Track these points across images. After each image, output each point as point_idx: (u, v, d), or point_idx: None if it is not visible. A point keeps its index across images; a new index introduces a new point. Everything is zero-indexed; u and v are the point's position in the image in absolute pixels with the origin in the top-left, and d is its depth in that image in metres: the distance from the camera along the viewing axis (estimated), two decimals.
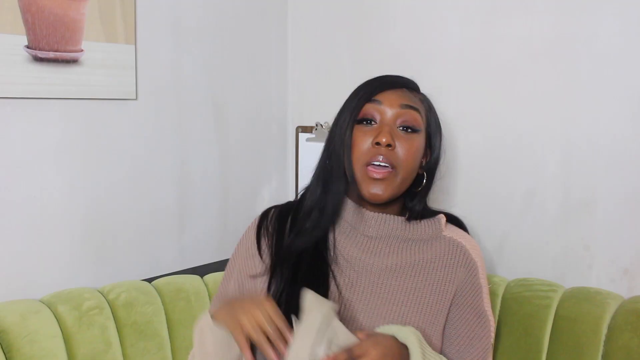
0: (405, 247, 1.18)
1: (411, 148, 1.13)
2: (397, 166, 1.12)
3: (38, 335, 1.31)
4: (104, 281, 1.53)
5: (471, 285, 1.19)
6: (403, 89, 1.18)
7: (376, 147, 1.11)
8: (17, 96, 1.38)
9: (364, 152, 1.12)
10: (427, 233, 1.20)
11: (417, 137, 1.14)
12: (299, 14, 1.99)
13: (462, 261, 1.20)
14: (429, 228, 1.20)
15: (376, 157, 1.11)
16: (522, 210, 1.62)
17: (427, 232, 1.20)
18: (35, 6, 1.38)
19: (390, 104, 1.13)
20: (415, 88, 1.22)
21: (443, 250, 1.19)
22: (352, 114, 1.14)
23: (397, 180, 1.13)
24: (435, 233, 1.20)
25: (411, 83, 1.22)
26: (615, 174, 1.48)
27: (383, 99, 1.14)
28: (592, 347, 1.35)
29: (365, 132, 1.13)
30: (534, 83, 1.58)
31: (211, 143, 1.81)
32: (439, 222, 1.22)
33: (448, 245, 1.20)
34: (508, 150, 1.63)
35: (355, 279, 1.15)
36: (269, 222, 1.21)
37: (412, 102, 1.16)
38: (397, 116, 1.13)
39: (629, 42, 1.45)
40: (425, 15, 1.74)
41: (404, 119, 1.13)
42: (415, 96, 1.19)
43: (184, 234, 1.76)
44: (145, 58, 1.61)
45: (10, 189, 1.40)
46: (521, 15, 1.58)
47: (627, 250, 1.48)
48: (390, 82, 1.18)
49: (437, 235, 1.20)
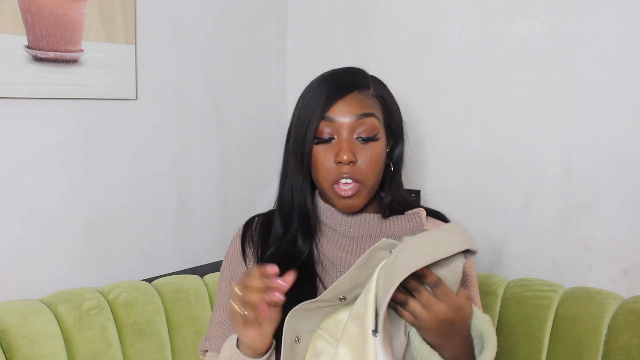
0: None
1: (373, 156, 1.11)
2: (363, 179, 1.11)
3: (38, 335, 1.31)
4: (104, 281, 1.53)
5: None
6: (353, 92, 1.11)
7: (339, 165, 1.10)
8: (17, 96, 1.38)
9: (328, 171, 1.11)
10: (408, 228, 1.19)
11: (376, 143, 1.12)
12: (299, 14, 1.99)
13: None
14: (409, 223, 1.19)
15: (341, 176, 1.10)
16: (522, 211, 1.62)
17: (407, 227, 1.19)
18: (35, 6, 1.38)
19: (344, 119, 1.09)
20: (365, 85, 1.13)
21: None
22: (308, 135, 1.10)
23: (367, 189, 1.13)
24: (416, 227, 1.19)
25: (360, 80, 1.14)
26: (615, 174, 1.48)
27: (335, 114, 1.09)
28: (592, 347, 1.35)
29: (326, 150, 1.11)
30: (534, 83, 1.58)
31: (211, 143, 1.81)
32: (419, 216, 1.20)
33: None
34: (508, 151, 1.63)
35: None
36: (253, 231, 1.21)
37: (366, 108, 1.11)
38: (353, 129, 1.10)
39: (629, 42, 1.45)
40: (425, 15, 1.74)
41: (360, 130, 1.10)
42: (367, 97, 1.12)
43: (184, 234, 1.76)
44: (145, 58, 1.61)
45: (11, 188, 1.40)
46: (521, 15, 1.58)
47: (627, 251, 1.48)
48: (339, 89, 1.11)
49: (418, 229, 1.19)
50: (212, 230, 1.83)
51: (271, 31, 1.97)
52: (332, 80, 1.14)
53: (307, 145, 1.10)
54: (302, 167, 1.12)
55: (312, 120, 1.10)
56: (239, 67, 1.87)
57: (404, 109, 1.18)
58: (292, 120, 1.17)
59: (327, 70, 1.18)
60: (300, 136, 1.12)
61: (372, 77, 1.17)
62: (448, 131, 1.72)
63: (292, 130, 1.16)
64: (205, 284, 1.61)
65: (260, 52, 1.94)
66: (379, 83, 1.17)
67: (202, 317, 1.55)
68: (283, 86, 2.01)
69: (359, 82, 1.13)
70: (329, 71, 1.18)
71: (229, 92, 1.85)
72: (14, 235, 1.41)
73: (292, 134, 1.15)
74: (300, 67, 2.00)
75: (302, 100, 1.15)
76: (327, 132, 1.10)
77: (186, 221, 1.76)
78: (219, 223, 1.85)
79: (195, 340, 1.53)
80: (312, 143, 1.11)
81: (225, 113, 1.84)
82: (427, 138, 1.75)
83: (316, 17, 1.96)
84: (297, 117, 1.14)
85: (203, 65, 1.77)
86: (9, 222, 1.40)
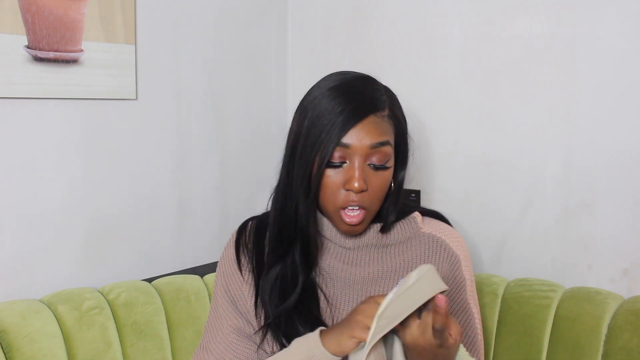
0: (385, 253, 1.16)
1: (383, 182, 1.08)
2: (369, 206, 1.08)
3: (38, 335, 1.31)
4: (104, 281, 1.53)
5: (454, 280, 1.16)
6: (370, 116, 1.05)
7: (348, 192, 1.06)
8: (17, 96, 1.38)
9: (336, 196, 1.06)
10: (404, 234, 1.17)
11: (387, 170, 1.08)
12: (299, 14, 1.99)
13: (444, 256, 1.16)
14: (405, 229, 1.18)
15: (349, 203, 1.06)
16: (522, 211, 1.62)
17: (404, 233, 1.17)
18: (35, 6, 1.38)
19: (360, 145, 1.04)
20: (381, 106, 1.07)
21: (423, 248, 1.17)
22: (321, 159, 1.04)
23: (371, 214, 1.10)
24: (412, 232, 1.17)
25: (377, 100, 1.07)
26: (615, 174, 1.48)
27: (352, 141, 1.03)
28: (592, 347, 1.35)
29: (336, 174, 1.05)
30: (534, 83, 1.58)
31: (211, 143, 1.81)
32: (414, 220, 1.18)
33: (428, 242, 1.17)
34: (508, 151, 1.63)
35: (340, 289, 1.14)
36: (248, 237, 1.18)
37: (382, 136, 1.05)
38: (367, 156, 1.05)
39: (629, 42, 1.45)
40: (425, 16, 1.74)
41: (374, 158, 1.06)
42: (382, 120, 1.06)
43: (184, 234, 1.76)
44: (145, 58, 1.61)
45: (11, 189, 1.40)
46: (521, 15, 1.58)
47: (627, 251, 1.48)
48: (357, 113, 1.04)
49: (415, 234, 1.18)
50: (212, 231, 1.83)
51: (271, 31, 1.97)
52: (347, 97, 1.06)
53: (319, 168, 1.05)
54: (310, 191, 1.06)
55: (326, 143, 1.03)
56: (239, 67, 1.87)
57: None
58: (297, 131, 1.09)
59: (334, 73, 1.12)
60: (310, 156, 1.05)
61: (385, 91, 1.11)
62: (448, 131, 1.72)
63: (298, 144, 1.08)
64: (205, 284, 1.61)
65: (260, 52, 1.94)
66: (391, 98, 1.11)
67: (202, 317, 1.55)
68: (283, 86, 2.01)
69: (376, 103, 1.07)
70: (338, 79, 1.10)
71: (229, 92, 1.85)
72: (14, 235, 1.41)
73: (298, 150, 1.07)
74: (300, 67, 2.00)
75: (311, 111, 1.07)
76: (339, 156, 1.05)
77: (186, 221, 1.76)
78: (219, 223, 1.85)
79: (195, 340, 1.53)
80: (325, 167, 1.05)
81: (225, 113, 1.84)
82: (427, 138, 1.75)
83: (316, 17, 1.96)
84: (307, 133, 1.06)
85: (203, 65, 1.77)
86: (9, 222, 1.40)
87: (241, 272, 1.16)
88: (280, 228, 1.12)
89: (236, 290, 1.16)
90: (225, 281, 1.17)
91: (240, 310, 1.15)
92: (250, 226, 1.20)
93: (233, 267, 1.17)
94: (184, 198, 1.75)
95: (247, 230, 1.19)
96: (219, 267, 1.21)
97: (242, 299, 1.15)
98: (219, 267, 1.20)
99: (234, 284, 1.16)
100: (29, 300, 1.39)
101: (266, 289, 1.12)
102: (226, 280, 1.17)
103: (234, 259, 1.17)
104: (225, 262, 1.19)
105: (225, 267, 1.19)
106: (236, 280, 1.16)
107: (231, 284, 1.17)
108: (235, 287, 1.16)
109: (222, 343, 1.15)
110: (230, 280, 1.17)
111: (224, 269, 1.19)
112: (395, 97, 1.12)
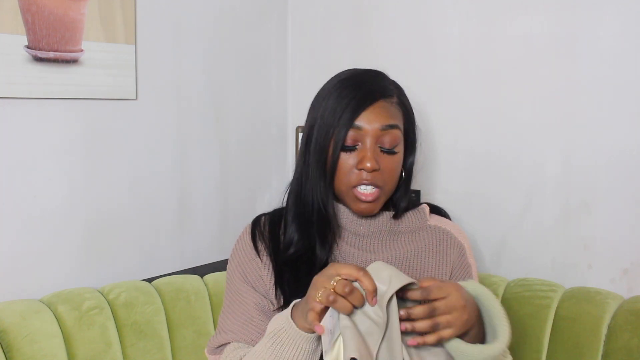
0: (396, 240, 1.21)
1: (394, 164, 1.14)
2: (383, 185, 1.14)
3: (38, 335, 1.31)
4: (104, 281, 1.53)
5: (461, 265, 1.23)
6: (380, 100, 1.13)
7: (361, 171, 1.12)
8: (17, 96, 1.38)
9: (349, 176, 1.12)
10: (414, 224, 1.23)
11: (398, 154, 1.15)
12: (299, 14, 1.99)
13: (451, 244, 1.23)
14: (415, 219, 1.23)
15: (362, 182, 1.12)
16: (522, 211, 1.62)
17: (413, 223, 1.23)
18: (35, 6, 1.38)
19: (371, 127, 1.11)
20: (390, 92, 1.15)
21: (431, 238, 1.23)
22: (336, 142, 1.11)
23: (385, 195, 1.16)
24: (421, 223, 1.24)
25: (386, 87, 1.16)
26: (615, 174, 1.48)
27: (363, 124, 1.11)
28: (592, 347, 1.35)
29: (349, 156, 1.12)
30: (534, 83, 1.58)
31: (211, 143, 1.81)
32: (424, 212, 1.25)
33: (435, 233, 1.23)
34: (508, 151, 1.63)
35: None
36: (262, 228, 1.22)
37: (392, 119, 1.13)
38: (377, 137, 1.12)
39: (629, 42, 1.45)
40: (425, 15, 1.74)
41: (385, 140, 1.12)
42: (392, 105, 1.14)
43: (184, 234, 1.76)
44: (145, 58, 1.61)
45: (11, 189, 1.40)
46: (521, 15, 1.58)
47: (627, 251, 1.48)
48: (368, 97, 1.12)
49: (422, 225, 1.24)
50: (212, 230, 1.83)
51: (271, 31, 1.97)
52: (357, 86, 1.14)
53: (334, 152, 1.12)
54: (326, 173, 1.13)
55: (339, 127, 1.11)
56: (239, 67, 1.87)
57: None
58: (312, 122, 1.16)
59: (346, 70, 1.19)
60: (325, 142, 1.12)
61: (393, 82, 1.19)
62: (448, 131, 1.72)
63: (313, 133, 1.15)
64: (205, 284, 1.61)
65: (260, 52, 1.94)
66: (399, 89, 1.19)
67: (202, 317, 1.55)
68: (283, 86, 2.01)
69: (385, 90, 1.15)
70: (348, 72, 1.18)
71: (229, 92, 1.85)
72: (14, 235, 1.41)
73: (313, 137, 1.15)
74: (300, 67, 2.00)
75: (324, 102, 1.15)
76: (352, 139, 1.12)
77: (186, 221, 1.76)
78: (219, 223, 1.85)
79: (196, 340, 1.53)
80: (340, 150, 1.12)
81: (225, 113, 1.84)
82: (427, 138, 1.75)
83: (316, 17, 1.96)
84: (321, 120, 1.14)
85: (203, 65, 1.77)
86: (9, 222, 1.40)
87: (259, 256, 1.18)
88: (298, 215, 1.18)
89: (255, 275, 1.17)
90: (242, 269, 1.19)
91: (260, 292, 1.17)
92: (264, 219, 1.24)
93: (251, 254, 1.19)
94: (184, 198, 1.75)
95: (262, 222, 1.23)
96: (232, 257, 1.22)
97: (261, 283, 1.17)
98: (233, 257, 1.22)
99: (253, 270, 1.18)
100: (29, 300, 1.39)
101: (285, 271, 1.15)
102: (243, 268, 1.19)
103: (251, 246, 1.20)
104: (241, 251, 1.21)
105: (241, 256, 1.21)
106: (254, 266, 1.18)
107: (249, 271, 1.18)
108: (253, 272, 1.18)
109: (242, 320, 1.15)
110: (248, 267, 1.19)
111: (240, 257, 1.21)
112: (403, 90, 1.20)
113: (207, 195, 1.81)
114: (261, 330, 1.13)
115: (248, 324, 1.15)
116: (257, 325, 1.14)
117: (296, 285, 1.12)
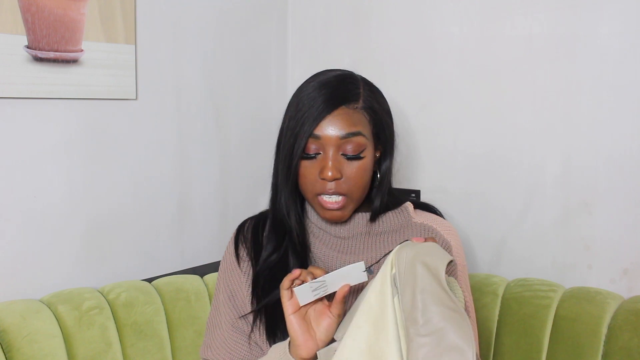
0: (377, 241, 1.19)
1: (359, 171, 1.11)
2: (348, 193, 1.11)
3: (38, 335, 1.31)
4: (104, 281, 1.53)
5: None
6: (341, 107, 1.09)
7: (323, 180, 1.10)
8: (17, 96, 1.38)
9: (314, 184, 1.11)
10: (397, 223, 1.20)
11: (362, 160, 1.11)
12: (299, 14, 1.99)
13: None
14: (397, 218, 1.21)
15: (326, 190, 1.10)
16: (522, 211, 1.62)
17: (396, 222, 1.20)
18: (35, 6, 1.38)
19: (330, 136, 1.08)
20: (354, 97, 1.11)
21: (415, 236, 1.18)
22: (296, 151, 1.10)
23: (353, 201, 1.13)
24: (404, 221, 1.21)
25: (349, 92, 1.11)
26: (615, 174, 1.48)
27: (322, 131, 1.08)
28: (592, 347, 1.36)
29: (312, 165, 1.11)
30: (534, 83, 1.58)
31: (211, 143, 1.81)
32: (406, 210, 1.22)
33: (420, 230, 1.20)
34: (508, 151, 1.63)
35: None
36: (245, 234, 1.23)
37: (353, 127, 1.09)
38: (339, 146, 1.09)
39: (629, 42, 1.45)
40: (425, 15, 1.74)
41: (347, 148, 1.09)
42: (355, 111, 1.10)
43: (184, 234, 1.76)
44: (145, 58, 1.61)
45: (11, 189, 1.40)
46: (521, 15, 1.58)
47: (627, 251, 1.48)
48: (328, 105, 1.09)
49: (407, 223, 1.20)
50: (212, 230, 1.83)
51: (271, 31, 1.97)
52: (320, 92, 1.11)
53: (294, 160, 1.11)
54: (289, 181, 1.13)
55: (300, 136, 1.10)
56: (239, 67, 1.87)
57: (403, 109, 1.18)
58: (281, 128, 1.16)
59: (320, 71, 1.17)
60: (289, 150, 1.12)
61: (364, 84, 1.14)
62: (448, 131, 1.72)
63: (281, 140, 1.16)
64: (205, 284, 1.61)
65: (260, 52, 1.94)
66: (370, 91, 1.14)
67: (202, 317, 1.55)
68: (283, 86, 2.01)
69: (348, 95, 1.11)
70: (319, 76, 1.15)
71: (229, 92, 1.85)
72: (14, 235, 1.41)
73: (281, 145, 1.16)
74: (300, 67, 2.00)
75: (293, 107, 1.14)
76: (313, 148, 1.10)
77: (186, 221, 1.76)
78: (219, 223, 1.85)
79: (195, 340, 1.53)
80: (300, 159, 1.11)
81: (225, 113, 1.84)
82: (427, 138, 1.75)
83: (316, 17, 1.96)
84: (286, 128, 1.14)
85: (203, 65, 1.77)
86: (9, 222, 1.40)
87: (239, 264, 1.19)
88: (274, 219, 1.19)
89: (235, 283, 1.19)
90: (226, 277, 1.21)
91: (237, 305, 1.18)
92: (248, 224, 1.25)
93: (233, 263, 1.21)
94: (184, 198, 1.75)
95: (245, 227, 1.24)
96: (220, 265, 1.25)
97: (240, 291, 1.18)
98: (221, 265, 1.25)
99: (234, 278, 1.20)
100: (29, 300, 1.39)
101: (261, 277, 1.16)
102: (226, 276, 1.21)
103: (233, 254, 1.21)
104: (226, 259, 1.23)
105: (226, 264, 1.23)
106: (235, 274, 1.20)
107: (231, 279, 1.20)
108: (234, 280, 1.20)
109: (220, 339, 1.18)
110: (230, 275, 1.20)
111: (225, 265, 1.23)
112: (376, 90, 1.16)
113: (207, 195, 1.81)
114: (233, 351, 1.16)
115: (223, 345, 1.18)
116: (231, 346, 1.17)
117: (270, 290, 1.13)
